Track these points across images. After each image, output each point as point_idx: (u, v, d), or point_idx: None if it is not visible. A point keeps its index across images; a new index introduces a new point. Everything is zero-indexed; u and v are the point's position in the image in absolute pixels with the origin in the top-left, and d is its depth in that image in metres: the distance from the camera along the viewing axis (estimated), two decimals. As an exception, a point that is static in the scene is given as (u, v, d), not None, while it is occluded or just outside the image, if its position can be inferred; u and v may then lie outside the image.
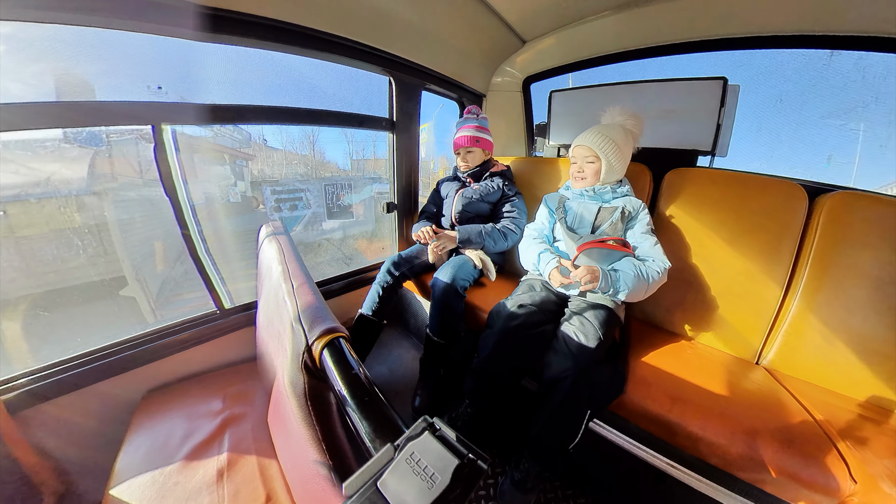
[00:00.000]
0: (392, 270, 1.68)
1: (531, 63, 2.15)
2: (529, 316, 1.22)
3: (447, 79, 2.01)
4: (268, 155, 2.51)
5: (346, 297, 1.94)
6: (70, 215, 1.49)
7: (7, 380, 1.05)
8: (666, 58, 1.72)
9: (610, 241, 1.27)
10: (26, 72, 1.03)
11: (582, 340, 1.09)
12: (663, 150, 1.74)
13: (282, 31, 1.31)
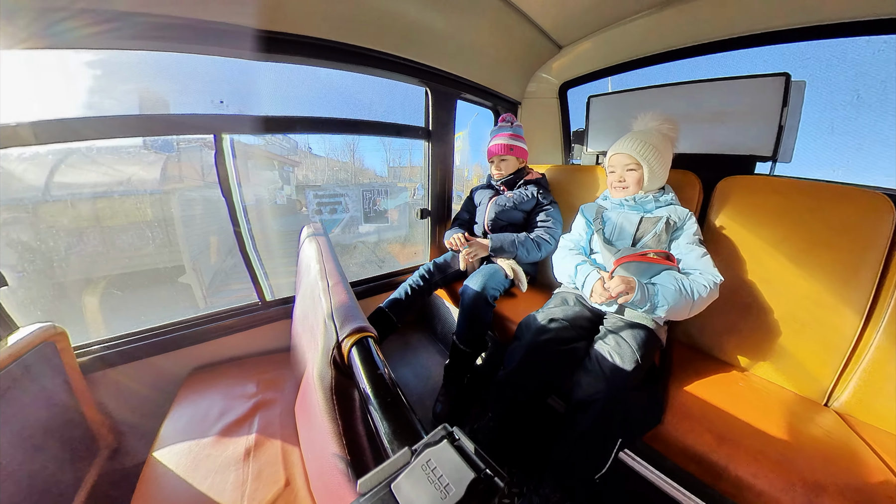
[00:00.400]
0: (425, 276, 1.70)
1: (568, 68, 2.10)
2: (560, 331, 1.16)
3: (482, 87, 2.03)
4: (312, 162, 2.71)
5: (376, 299, 1.96)
6: (144, 210, 1.73)
7: (83, 345, 1.23)
8: (716, 55, 1.56)
9: (651, 254, 1.18)
10: (117, 90, 1.22)
11: (617, 362, 1.01)
12: (715, 156, 1.58)
13: (327, 48, 1.42)
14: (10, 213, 1.32)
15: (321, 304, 0.71)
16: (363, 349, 0.56)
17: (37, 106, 1.08)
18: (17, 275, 1.33)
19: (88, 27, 1.00)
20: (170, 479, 0.87)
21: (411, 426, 0.43)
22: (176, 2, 1.05)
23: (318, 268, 0.89)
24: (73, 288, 1.51)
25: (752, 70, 1.46)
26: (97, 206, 1.58)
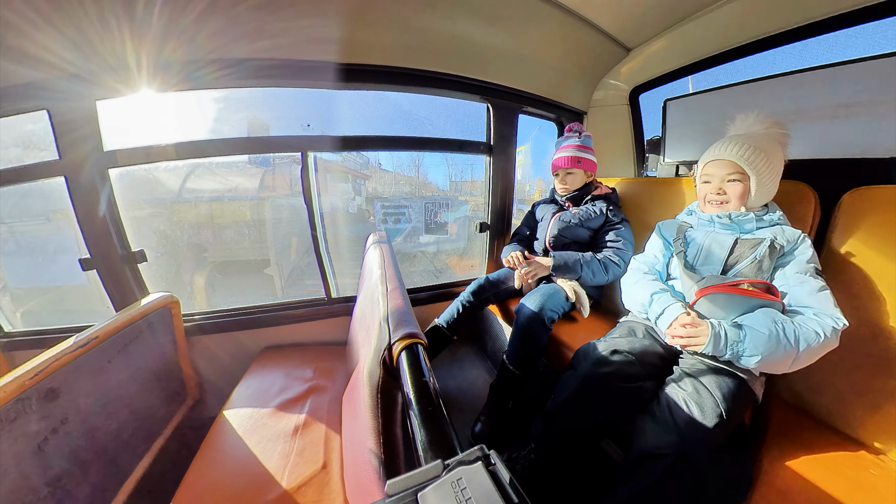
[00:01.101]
0: (477, 292, 1.66)
1: (638, 72, 1.93)
2: (624, 365, 1.01)
3: (544, 100, 1.99)
4: (381, 176, 2.97)
5: (430, 307, 2.01)
6: (244, 212, 2.12)
7: (190, 314, 1.57)
8: (825, 36, 1.26)
9: (745, 285, 0.95)
10: (232, 118, 1.55)
11: (694, 413, 0.84)
12: (836, 161, 1.29)
13: (396, 74, 1.58)
14: (154, 209, 1.76)
15: (379, 307, 0.74)
16: (412, 355, 0.58)
17: (178, 131, 1.43)
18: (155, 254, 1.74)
19: (215, 72, 1.31)
20: (231, 436, 1.04)
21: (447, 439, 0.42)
22: (276, 48, 1.31)
23: (380, 273, 0.93)
24: (188, 268, 1.92)
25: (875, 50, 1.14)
26: (212, 207, 2.00)
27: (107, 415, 1.03)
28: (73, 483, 0.89)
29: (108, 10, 1.04)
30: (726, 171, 1.08)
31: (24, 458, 0.79)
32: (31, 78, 1.20)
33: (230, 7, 1.11)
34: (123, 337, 1.10)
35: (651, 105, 2.00)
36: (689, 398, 0.88)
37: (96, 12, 1.03)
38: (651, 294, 1.12)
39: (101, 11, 1.04)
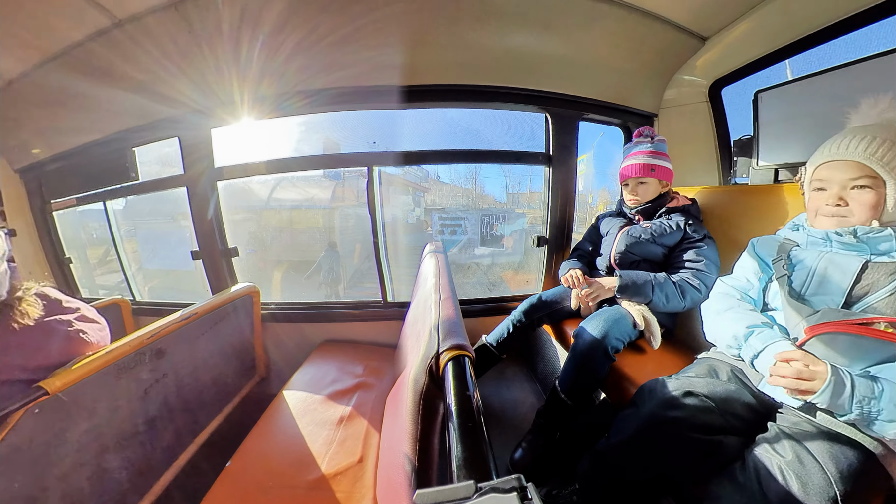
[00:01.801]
0: (529, 311, 1.56)
1: (718, 63, 1.66)
2: (700, 412, 0.83)
3: (608, 104, 1.83)
4: (439, 188, 3.10)
5: (480, 321, 1.96)
6: (317, 219, 2.41)
7: (266, 303, 1.81)
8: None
9: (882, 325, 0.73)
10: (311, 139, 1.80)
11: (794, 488, 0.66)
12: None
13: (453, 91, 1.66)
14: (248, 214, 2.11)
15: (430, 315, 0.75)
16: (458, 367, 0.57)
17: (268, 151, 1.71)
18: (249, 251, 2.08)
19: (299, 102, 1.54)
20: (286, 414, 1.18)
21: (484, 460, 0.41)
22: (348, 77, 1.49)
23: (434, 282, 0.94)
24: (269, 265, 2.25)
25: None
26: (292, 214, 2.32)
27: (194, 377, 1.23)
28: (162, 426, 1.08)
29: (221, 58, 1.31)
30: (849, 176, 0.85)
31: (134, 399, 0.99)
32: (168, 114, 1.61)
33: (311, 46, 1.31)
34: (214, 316, 1.32)
35: (737, 100, 1.70)
36: (787, 467, 0.68)
37: (213, 60, 1.32)
38: (748, 327, 0.90)
39: (217, 59, 1.31)
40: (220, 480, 0.92)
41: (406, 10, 1.22)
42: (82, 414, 0.84)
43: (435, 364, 0.60)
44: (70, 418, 0.81)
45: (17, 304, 0.77)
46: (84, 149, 1.88)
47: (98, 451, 0.88)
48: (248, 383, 1.56)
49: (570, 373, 1.25)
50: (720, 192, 1.61)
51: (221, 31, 1.21)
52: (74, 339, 0.84)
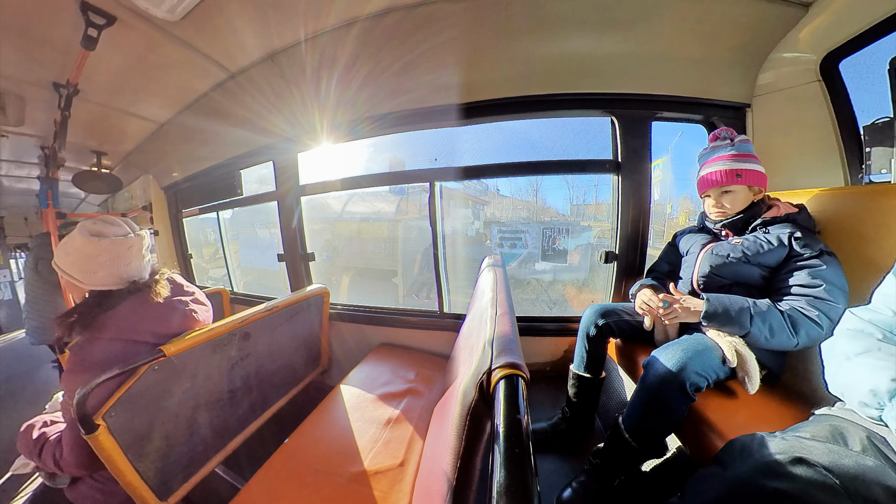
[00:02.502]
0: (597, 321, 1.37)
1: (831, 30, 1.31)
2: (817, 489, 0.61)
3: (686, 100, 1.61)
4: (499, 201, 3.08)
5: (538, 341, 1.85)
6: (382, 231, 2.60)
7: (334, 304, 2.02)
8: None
9: None
10: (378, 158, 1.99)
11: None
12: None
13: (511, 104, 1.66)
14: (324, 224, 2.39)
15: (485, 329, 0.74)
16: (510, 386, 0.54)
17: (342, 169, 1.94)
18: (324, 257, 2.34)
19: (368, 126, 1.73)
20: (340, 407, 1.29)
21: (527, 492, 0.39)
22: (411, 100, 1.62)
23: (491, 296, 0.93)
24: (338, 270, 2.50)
25: None
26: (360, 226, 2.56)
27: (270, 360, 1.43)
28: (240, 397, 1.28)
29: (305, 95, 1.58)
30: None
31: (223, 371, 1.20)
32: (265, 143, 2.00)
33: (377, 76, 1.46)
34: (291, 310, 1.53)
35: (863, 74, 1.29)
36: None
37: (299, 97, 1.60)
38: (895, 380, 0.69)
39: (302, 96, 1.61)
40: (279, 453, 1.06)
41: (460, 33, 1.29)
42: (185, 376, 1.06)
43: (486, 381, 0.58)
44: (176, 378, 1.03)
45: (154, 285, 1.00)
46: (206, 171, 2.48)
47: (192, 407, 1.10)
48: (311, 372, 1.75)
49: (637, 409, 1.04)
50: (846, 195, 1.25)
51: (305, 72, 1.45)
52: (188, 316, 1.06)
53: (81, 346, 0.90)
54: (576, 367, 1.38)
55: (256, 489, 0.96)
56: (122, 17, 1.18)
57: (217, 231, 2.80)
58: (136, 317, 0.95)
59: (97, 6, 1.13)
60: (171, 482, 1.04)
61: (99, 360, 0.88)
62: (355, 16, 1.20)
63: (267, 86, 1.56)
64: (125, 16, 1.18)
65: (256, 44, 1.36)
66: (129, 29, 1.23)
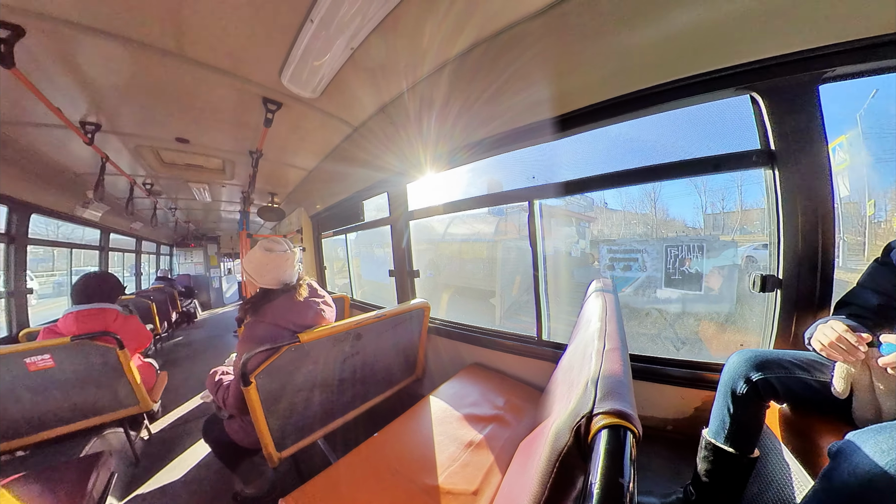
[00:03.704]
0: (749, 374, 0.99)
1: None
2: None
3: (874, 40, 1.05)
4: (608, 217, 2.73)
5: (658, 388, 1.47)
6: (482, 251, 2.66)
7: (433, 318, 2.16)
8: None
9: None
10: (478, 181, 2.08)
11: None
12: None
13: (610, 107, 1.43)
14: (429, 245, 2.61)
15: (589, 365, 0.66)
16: (615, 440, 0.47)
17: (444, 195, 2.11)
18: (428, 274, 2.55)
19: (466, 153, 1.85)
20: (426, 417, 1.36)
21: None
22: (503, 123, 1.66)
23: (599, 326, 0.84)
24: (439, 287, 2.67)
25: None
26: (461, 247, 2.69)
27: (374, 360, 1.62)
28: (346, 387, 1.49)
29: (410, 134, 1.82)
30: None
31: (337, 362, 1.42)
32: (381, 178, 2.40)
33: (470, 107, 1.56)
34: (395, 320, 1.70)
35: None
36: None
37: (405, 137, 1.84)
38: None
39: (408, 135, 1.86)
40: (367, 444, 1.19)
41: (545, 46, 1.24)
42: (310, 360, 1.31)
43: (584, 426, 0.51)
44: (304, 360, 1.29)
45: (298, 288, 1.33)
46: (338, 203, 3.18)
47: (310, 387, 1.35)
48: (406, 378, 1.90)
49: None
50: None
51: (409, 116, 1.68)
52: (319, 314, 1.35)
53: (250, 325, 1.27)
54: (712, 433, 1.05)
55: (343, 468, 1.10)
56: (286, 103, 1.66)
57: (345, 249, 3.58)
58: (285, 309, 1.28)
59: (272, 98, 1.61)
60: (286, 440, 1.31)
61: (259, 337, 1.21)
62: (445, 59, 1.33)
63: (381, 132, 1.89)
64: (288, 101, 1.65)
65: (371, 101, 1.66)
66: (289, 109, 1.71)
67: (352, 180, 2.69)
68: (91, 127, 1.83)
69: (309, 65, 1.33)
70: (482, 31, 1.20)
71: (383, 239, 2.94)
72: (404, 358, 1.86)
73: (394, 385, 1.80)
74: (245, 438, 1.32)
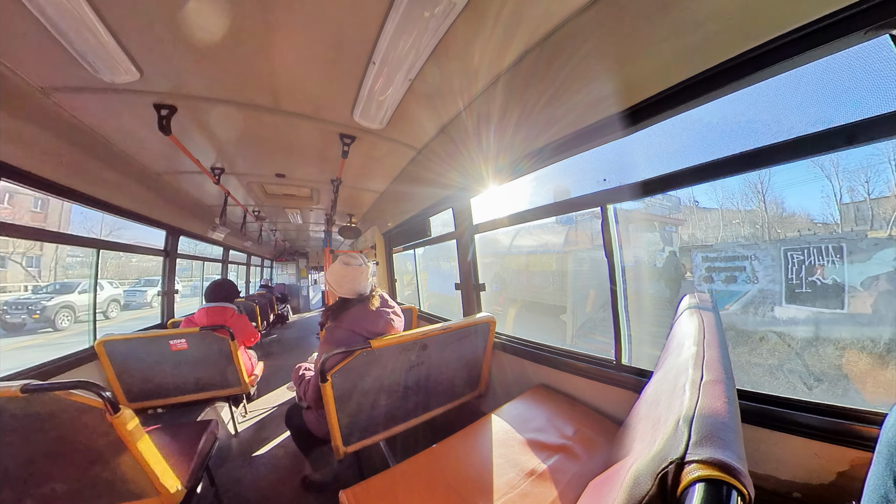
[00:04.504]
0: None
1: None
2: None
3: None
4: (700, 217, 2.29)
5: (780, 439, 1.09)
6: (551, 264, 2.51)
7: (500, 333, 2.11)
8: None
9: None
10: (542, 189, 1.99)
11: None
12: None
13: (688, 88, 1.18)
14: (494, 258, 2.56)
15: (681, 399, 0.56)
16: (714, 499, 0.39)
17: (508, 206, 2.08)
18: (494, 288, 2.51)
19: (527, 162, 1.77)
20: (486, 436, 1.31)
21: None
22: (565, 126, 1.54)
23: (694, 352, 0.73)
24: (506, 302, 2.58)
25: None
26: (528, 259, 2.57)
27: (437, 372, 1.64)
28: (409, 395, 1.54)
29: (472, 150, 1.85)
30: None
31: (403, 370, 1.48)
32: (445, 194, 2.50)
33: (528, 116, 1.51)
34: (461, 333, 1.70)
35: None
36: None
37: (466, 154, 1.90)
38: None
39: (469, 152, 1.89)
40: (425, 453, 1.21)
41: (601, 38, 1.13)
42: (378, 365, 1.40)
43: (673, 475, 0.43)
44: (373, 365, 1.38)
45: (371, 298, 1.47)
46: (407, 220, 3.38)
47: (377, 390, 1.44)
48: (469, 393, 1.87)
49: None
50: None
51: (469, 133, 1.74)
52: (389, 323, 1.45)
53: (330, 329, 1.43)
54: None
55: (400, 473, 1.12)
56: (358, 136, 1.89)
57: (413, 263, 3.85)
58: (360, 317, 1.42)
59: (347, 133, 1.86)
60: (352, 436, 1.42)
61: (337, 340, 1.36)
62: (497, 73, 1.33)
63: (442, 151, 2.00)
64: (359, 134, 1.88)
65: (432, 124, 1.78)
66: (361, 141, 1.94)
67: (418, 199, 2.86)
68: (218, 171, 2.39)
69: (375, 100, 1.49)
70: (531, 38, 1.17)
71: (449, 253, 3.02)
72: (468, 372, 1.84)
73: (456, 398, 1.80)
74: (318, 428, 1.49)
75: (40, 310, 9.13)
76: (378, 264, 4.25)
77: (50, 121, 1.52)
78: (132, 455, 1.04)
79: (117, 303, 12.01)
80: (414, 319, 2.85)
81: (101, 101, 1.46)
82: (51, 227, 2.15)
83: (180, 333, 1.98)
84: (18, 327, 8.82)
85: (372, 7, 1.03)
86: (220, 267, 5.05)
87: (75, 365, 1.96)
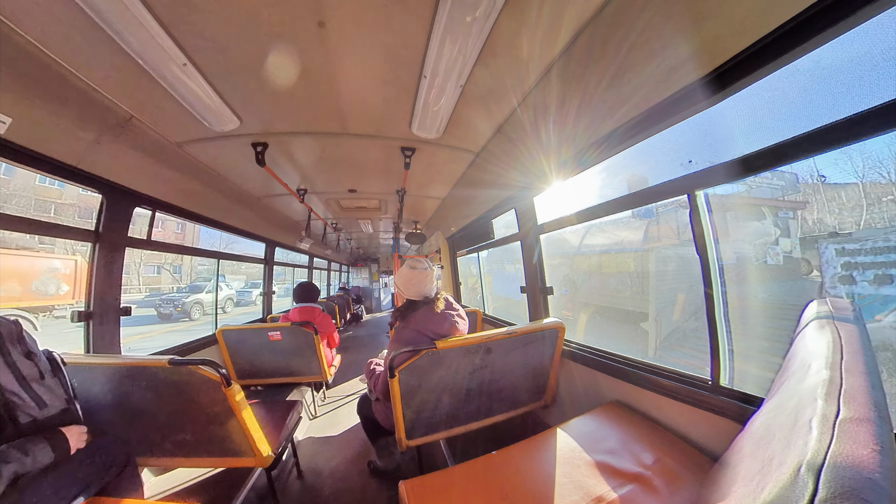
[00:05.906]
0: None
1: None
2: None
3: None
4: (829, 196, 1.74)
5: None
6: (628, 263, 2.24)
7: (569, 340, 1.96)
8: None
9: None
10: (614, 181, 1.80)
11: None
12: None
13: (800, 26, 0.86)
14: (562, 259, 2.39)
15: (805, 440, 0.45)
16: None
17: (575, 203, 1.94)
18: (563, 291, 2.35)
19: (594, 152, 1.62)
20: (550, 452, 1.20)
21: None
22: (637, 104, 1.31)
23: (826, 377, 0.57)
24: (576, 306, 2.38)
25: None
26: (601, 259, 2.34)
27: (501, 377, 1.60)
28: (472, 397, 1.55)
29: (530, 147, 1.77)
30: None
31: (466, 373, 1.50)
32: (507, 195, 2.47)
33: (589, 101, 1.36)
34: (526, 339, 1.63)
35: None
36: None
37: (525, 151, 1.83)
38: None
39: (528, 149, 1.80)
40: (484, 459, 1.17)
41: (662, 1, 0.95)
42: (443, 366, 1.44)
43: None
44: (438, 365, 1.43)
45: (437, 301, 1.52)
46: (470, 224, 3.47)
47: (440, 390, 1.47)
48: (533, 402, 1.78)
49: None
50: None
51: (526, 129, 1.67)
52: (453, 326, 1.50)
53: (398, 329, 1.51)
54: None
55: (458, 474, 1.12)
56: (418, 147, 2.00)
57: (477, 266, 3.90)
58: (426, 318, 1.48)
59: (407, 146, 1.99)
60: (415, 431, 1.48)
61: (405, 339, 1.44)
62: (550, 61, 1.24)
63: (500, 152, 1.97)
64: (419, 146, 1.99)
65: (487, 126, 1.78)
66: (421, 152, 2.05)
67: (480, 201, 2.87)
68: (302, 191, 2.81)
69: (430, 111, 1.57)
70: (581, 17, 1.06)
71: (514, 255, 2.94)
72: (533, 380, 1.74)
73: (519, 406, 1.73)
74: (385, 420, 1.60)
75: (181, 305, 12.83)
76: (443, 268, 4.43)
77: (182, 165, 1.98)
78: (238, 421, 1.29)
79: (231, 300, 15.98)
80: (479, 323, 2.84)
81: (214, 146, 1.85)
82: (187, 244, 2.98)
83: (276, 327, 2.39)
84: (168, 317, 12.48)
85: (417, 24, 1.07)
86: (306, 272, 5.92)
87: (202, 347, 2.51)
